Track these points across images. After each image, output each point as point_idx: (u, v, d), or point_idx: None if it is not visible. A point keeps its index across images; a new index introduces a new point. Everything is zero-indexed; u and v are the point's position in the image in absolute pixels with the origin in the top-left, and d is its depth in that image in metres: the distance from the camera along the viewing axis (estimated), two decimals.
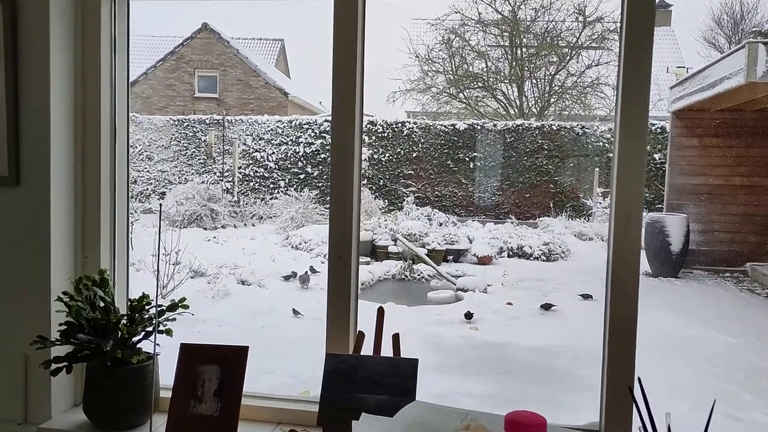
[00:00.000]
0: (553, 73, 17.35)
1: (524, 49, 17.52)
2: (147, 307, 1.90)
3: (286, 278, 8.16)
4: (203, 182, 13.60)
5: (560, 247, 10.63)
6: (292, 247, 10.18)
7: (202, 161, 15.26)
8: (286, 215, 11.99)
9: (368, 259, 9.72)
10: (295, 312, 6.61)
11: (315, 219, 11.98)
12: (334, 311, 1.92)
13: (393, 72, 17.47)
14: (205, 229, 12.01)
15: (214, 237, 11.06)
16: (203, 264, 7.91)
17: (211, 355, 1.91)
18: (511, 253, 10.56)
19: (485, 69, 17.34)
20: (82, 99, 2.01)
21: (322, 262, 9.13)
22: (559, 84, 17.38)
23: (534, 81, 17.59)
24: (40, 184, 1.91)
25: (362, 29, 1.92)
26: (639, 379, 1.18)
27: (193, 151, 15.38)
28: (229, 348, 1.92)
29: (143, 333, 1.87)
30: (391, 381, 1.78)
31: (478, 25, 17.18)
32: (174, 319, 1.93)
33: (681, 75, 11.50)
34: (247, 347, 1.91)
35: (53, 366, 1.77)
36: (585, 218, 12.93)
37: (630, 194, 1.77)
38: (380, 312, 1.90)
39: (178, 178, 15.09)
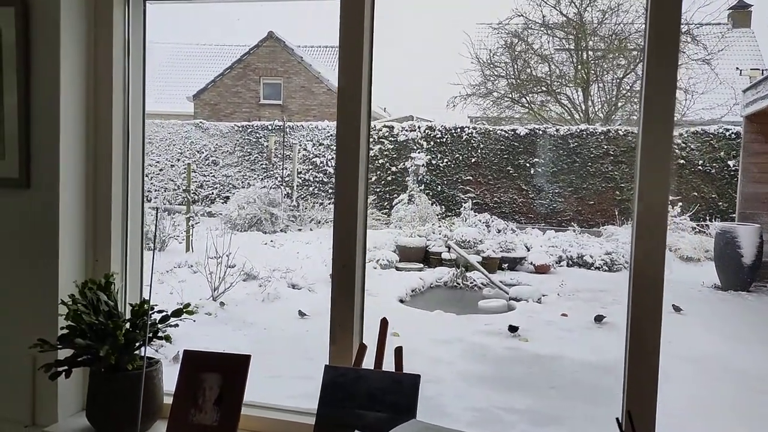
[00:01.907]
0: (621, 76, 16.76)
1: (591, 52, 17.01)
2: (150, 313, 1.87)
3: None
4: (264, 187, 13.83)
5: (624, 257, 10.21)
6: None
7: (264, 166, 15.54)
8: None
9: (420, 265, 9.60)
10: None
11: (371, 224, 11.95)
12: (338, 322, 1.84)
13: (454, 77, 17.31)
14: (265, 232, 12.19)
15: (272, 241, 11.20)
16: (255, 267, 7.99)
17: (213, 363, 1.87)
18: (570, 262, 10.23)
19: (549, 73, 16.93)
20: (94, 101, 2.01)
21: (375, 268, 9.08)
22: (628, 88, 16.77)
23: (601, 85, 17.04)
24: (50, 187, 1.92)
25: (370, 34, 1.84)
26: (629, 413, 1.05)
27: (256, 157, 15.68)
28: (231, 356, 1.88)
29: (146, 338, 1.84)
30: (391, 398, 1.69)
31: (542, 29, 16.81)
32: (176, 325, 1.90)
33: (755, 77, 10.87)
34: (249, 356, 1.86)
35: (53, 369, 1.76)
36: None
37: (653, 201, 1.61)
38: (383, 323, 1.81)
39: (242, 182, 15.40)
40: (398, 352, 1.77)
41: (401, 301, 7.68)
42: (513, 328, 6.34)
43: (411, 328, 6.13)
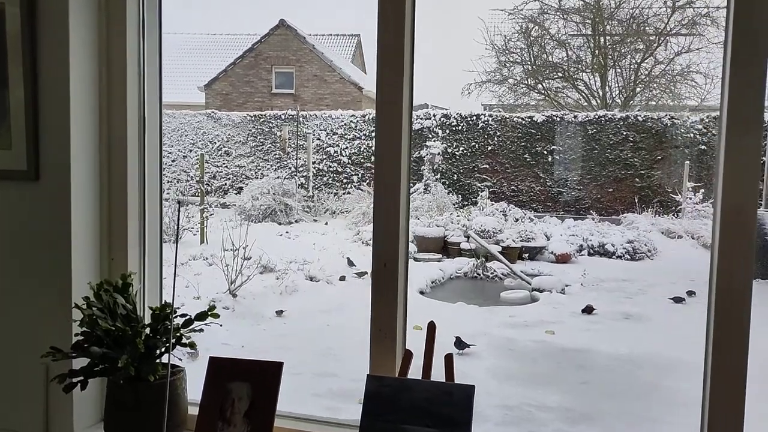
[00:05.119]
0: (639, 61, 16.40)
1: (608, 37, 16.66)
2: (172, 317, 1.71)
3: (360, 275, 7.95)
4: (278, 177, 13.68)
5: (646, 245, 9.98)
6: (363, 243, 10.01)
7: (277, 156, 15.38)
8: (357, 210, 11.85)
9: (440, 255, 9.43)
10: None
11: None
12: (379, 326, 1.67)
13: (468, 63, 17.03)
14: (279, 223, 12.05)
15: (287, 232, 11.06)
16: (272, 259, 7.84)
17: (242, 371, 1.71)
18: (591, 251, 10.00)
19: (566, 58, 16.60)
20: (106, 89, 1.84)
21: None
22: (646, 73, 16.42)
23: (618, 70, 16.69)
24: (60, 180, 1.76)
25: (411, 21, 1.65)
26: None
27: (269, 147, 15.53)
28: (262, 364, 1.71)
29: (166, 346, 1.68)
30: (440, 410, 1.52)
31: (558, 13, 16.47)
32: (201, 330, 1.73)
33: None
34: (282, 363, 1.69)
35: (67, 381, 1.60)
36: (674, 214, 12.13)
37: (740, 192, 1.42)
38: (431, 328, 1.63)
39: (255, 173, 15.26)
40: (449, 359, 1.60)
41: (421, 292, 7.50)
42: (461, 344, 5.22)
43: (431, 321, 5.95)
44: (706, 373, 1.52)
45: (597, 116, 13.62)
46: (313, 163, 14.81)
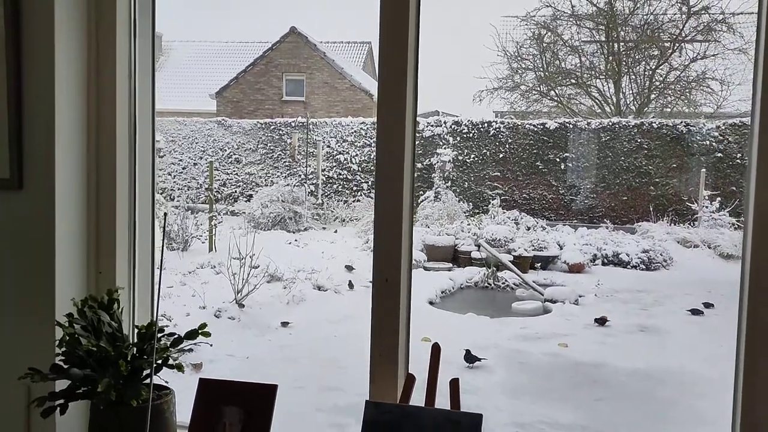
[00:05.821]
0: (653, 67, 16.22)
1: (622, 43, 16.49)
2: (160, 336, 1.60)
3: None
4: (288, 185, 13.62)
5: (662, 254, 9.79)
6: (372, 251, 9.88)
7: (287, 164, 15.34)
8: (367, 218, 11.75)
9: (450, 265, 9.30)
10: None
11: None
12: (379, 348, 1.55)
13: (480, 70, 16.92)
14: (289, 231, 11.96)
15: (296, 240, 10.96)
16: (280, 268, 7.74)
17: (234, 394, 1.60)
18: (605, 260, 9.83)
19: (579, 65, 16.44)
20: (95, 93, 1.75)
21: None
22: (661, 79, 16.23)
23: (632, 76, 16.52)
24: (44, 188, 1.66)
25: (415, 21, 1.55)
26: None
27: (279, 154, 15.49)
28: (255, 387, 1.61)
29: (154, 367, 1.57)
30: None
31: (571, 19, 16.33)
32: (191, 350, 1.62)
33: None
34: (276, 386, 1.59)
35: (47, 404, 1.50)
36: (690, 223, 11.92)
37: None
38: (435, 350, 1.51)
39: (265, 180, 15.21)
40: (454, 385, 1.48)
41: (431, 303, 7.37)
42: (470, 357, 5.08)
43: (443, 333, 5.82)
44: (736, 389, 1.41)
45: (611, 123, 13.47)
46: (323, 170, 14.74)
